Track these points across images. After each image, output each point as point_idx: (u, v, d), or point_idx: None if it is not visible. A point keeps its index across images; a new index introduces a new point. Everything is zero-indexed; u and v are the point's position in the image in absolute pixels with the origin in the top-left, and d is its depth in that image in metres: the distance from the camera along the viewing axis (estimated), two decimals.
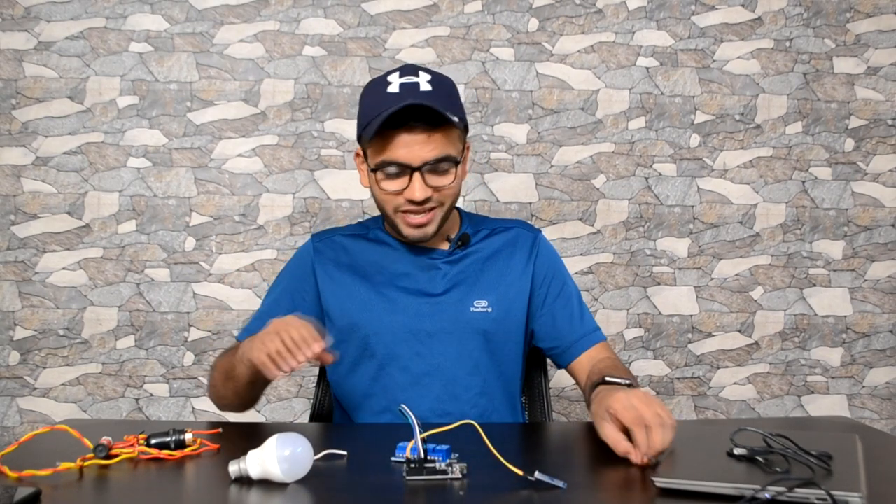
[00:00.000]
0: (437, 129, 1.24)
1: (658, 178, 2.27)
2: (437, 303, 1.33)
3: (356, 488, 0.91)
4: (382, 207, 1.31)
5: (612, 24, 2.26)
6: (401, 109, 1.20)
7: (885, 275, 2.34)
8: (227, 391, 1.30)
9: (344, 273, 1.36)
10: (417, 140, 1.23)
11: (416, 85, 1.25)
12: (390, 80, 1.27)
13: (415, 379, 1.32)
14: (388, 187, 1.27)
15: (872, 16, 2.32)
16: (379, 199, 1.30)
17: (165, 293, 2.17)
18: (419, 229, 1.29)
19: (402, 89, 1.24)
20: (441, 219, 1.30)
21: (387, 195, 1.28)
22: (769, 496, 0.80)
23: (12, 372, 2.14)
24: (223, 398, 1.34)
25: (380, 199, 1.30)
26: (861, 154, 2.32)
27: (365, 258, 1.38)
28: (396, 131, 1.23)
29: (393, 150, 1.24)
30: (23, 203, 2.14)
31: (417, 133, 1.22)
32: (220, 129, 2.18)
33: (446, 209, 1.31)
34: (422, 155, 1.23)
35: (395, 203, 1.28)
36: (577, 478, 0.93)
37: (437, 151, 1.24)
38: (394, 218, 1.30)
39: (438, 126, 1.23)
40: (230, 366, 1.25)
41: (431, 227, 1.30)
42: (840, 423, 1.40)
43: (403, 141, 1.23)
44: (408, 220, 1.28)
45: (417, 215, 1.28)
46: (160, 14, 2.16)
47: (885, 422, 2.34)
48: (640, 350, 2.28)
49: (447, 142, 1.25)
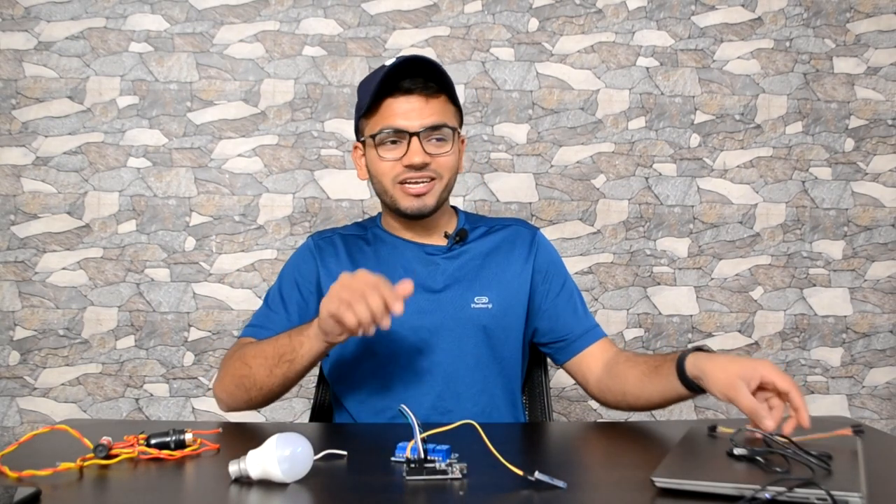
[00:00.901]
0: (434, 96, 1.29)
1: (658, 178, 2.27)
2: (437, 299, 1.34)
3: (356, 488, 0.91)
4: (382, 182, 1.32)
5: (612, 24, 2.26)
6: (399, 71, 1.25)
7: (885, 275, 2.34)
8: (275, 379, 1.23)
9: (344, 270, 1.36)
10: (415, 106, 1.27)
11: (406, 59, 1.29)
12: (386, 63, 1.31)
13: (416, 376, 1.32)
14: (386, 155, 1.29)
15: (872, 16, 2.32)
16: (378, 172, 1.32)
17: (165, 293, 2.17)
18: (418, 199, 1.30)
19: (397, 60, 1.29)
20: (439, 193, 1.32)
21: (385, 164, 1.30)
22: (769, 496, 0.80)
23: (12, 372, 2.14)
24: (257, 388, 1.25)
25: (379, 172, 1.32)
26: (861, 154, 2.32)
27: (364, 255, 1.38)
28: (394, 98, 1.27)
29: (391, 117, 1.28)
30: (23, 203, 2.14)
31: (415, 98, 1.27)
32: (220, 129, 2.18)
33: (444, 183, 1.32)
34: (420, 120, 1.27)
35: (393, 173, 1.30)
36: (577, 478, 0.92)
37: (435, 118, 1.29)
38: (393, 191, 1.31)
39: (436, 93, 1.28)
40: (285, 349, 1.20)
41: (430, 199, 1.31)
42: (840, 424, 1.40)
43: (401, 107, 1.28)
44: (407, 190, 1.30)
45: (417, 185, 1.29)
46: (160, 14, 2.16)
47: (885, 422, 2.34)
48: (640, 350, 2.28)
49: (445, 110, 1.30)
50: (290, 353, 1.21)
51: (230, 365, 1.30)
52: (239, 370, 1.27)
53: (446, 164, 1.31)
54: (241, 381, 1.27)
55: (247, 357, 1.27)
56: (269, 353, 1.24)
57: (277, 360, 1.23)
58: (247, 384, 1.27)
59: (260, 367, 1.25)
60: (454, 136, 1.32)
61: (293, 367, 1.22)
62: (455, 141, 1.32)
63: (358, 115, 1.36)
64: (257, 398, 1.28)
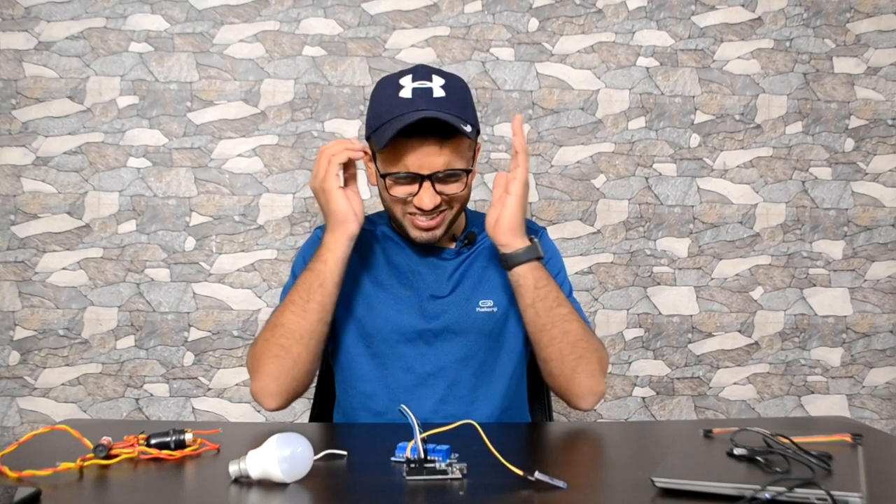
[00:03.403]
0: (448, 140, 1.22)
1: (658, 178, 2.27)
2: (442, 302, 1.33)
3: (356, 488, 0.91)
4: (390, 210, 1.32)
5: (612, 24, 2.26)
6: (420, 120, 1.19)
7: (885, 275, 2.34)
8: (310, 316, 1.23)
9: (350, 268, 1.36)
10: (428, 151, 1.22)
11: (429, 91, 1.24)
12: (403, 83, 1.25)
13: (419, 379, 1.32)
14: (397, 193, 1.27)
15: (872, 16, 2.32)
16: (387, 200, 1.31)
17: (165, 293, 2.17)
18: (427, 232, 1.29)
19: (414, 95, 1.23)
20: (449, 222, 1.31)
21: (396, 200, 1.28)
22: (769, 496, 0.80)
23: (12, 372, 2.14)
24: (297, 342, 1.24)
25: (388, 201, 1.30)
26: (861, 154, 2.32)
27: (371, 254, 1.38)
28: (408, 140, 1.21)
29: (403, 160, 1.23)
30: (23, 203, 2.14)
31: (429, 143, 1.21)
32: (220, 129, 2.18)
33: (455, 212, 1.31)
34: (432, 165, 1.22)
35: (403, 207, 1.28)
36: (577, 478, 0.93)
37: (448, 163, 1.23)
38: (402, 220, 1.31)
39: (450, 136, 1.22)
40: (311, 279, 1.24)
41: (440, 231, 1.30)
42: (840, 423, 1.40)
43: (414, 151, 1.22)
44: (416, 224, 1.29)
45: (426, 220, 1.28)
46: (160, 14, 2.16)
47: (885, 422, 2.34)
48: (640, 350, 2.28)
49: (458, 151, 1.25)
50: (317, 278, 1.24)
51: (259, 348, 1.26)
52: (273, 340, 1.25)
53: (457, 198, 1.29)
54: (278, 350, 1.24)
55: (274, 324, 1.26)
56: (295, 298, 1.25)
57: (308, 295, 1.24)
58: (286, 345, 1.23)
59: (293, 316, 1.24)
60: (467, 175, 1.28)
61: (323, 290, 1.24)
62: (467, 177, 1.28)
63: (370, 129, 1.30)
64: (301, 357, 1.24)
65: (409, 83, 1.25)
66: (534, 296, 1.24)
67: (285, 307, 1.26)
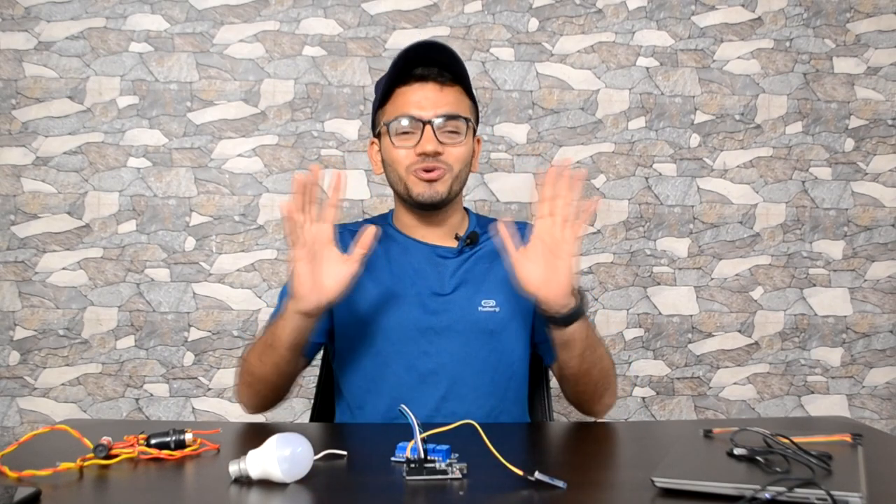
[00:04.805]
0: (448, 85, 1.30)
1: (658, 178, 2.27)
2: (445, 300, 1.34)
3: (356, 488, 0.91)
4: (396, 170, 1.33)
5: (612, 24, 2.26)
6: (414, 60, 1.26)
7: (885, 275, 2.34)
8: (266, 367, 1.25)
9: None
10: (428, 94, 1.29)
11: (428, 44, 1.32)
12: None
13: (420, 377, 1.32)
14: (400, 144, 1.30)
15: (872, 16, 2.32)
16: (392, 160, 1.33)
17: (165, 293, 2.17)
18: (430, 186, 1.31)
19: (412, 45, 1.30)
20: (450, 183, 1.33)
21: (399, 153, 1.31)
22: (769, 496, 0.80)
23: (12, 372, 2.14)
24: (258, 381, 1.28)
25: (393, 161, 1.33)
26: (861, 154, 2.32)
27: (374, 253, 1.38)
28: (409, 86, 1.29)
29: (405, 105, 1.30)
30: (23, 203, 2.14)
31: (429, 86, 1.29)
32: (220, 129, 2.18)
33: (455, 175, 1.33)
34: (433, 109, 1.29)
35: (407, 162, 1.31)
36: (577, 478, 0.92)
37: (449, 107, 1.30)
38: (406, 179, 1.32)
39: (450, 83, 1.30)
40: (269, 335, 1.24)
41: (441, 187, 1.32)
42: (840, 423, 1.40)
43: (415, 95, 1.30)
44: (419, 176, 1.31)
45: (429, 171, 1.30)
46: (160, 14, 2.16)
47: (885, 422, 2.34)
48: (640, 350, 2.28)
49: (459, 101, 1.32)
50: (271, 338, 1.24)
51: (240, 365, 1.34)
52: (243, 367, 1.32)
53: (458, 156, 1.32)
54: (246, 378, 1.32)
55: (248, 353, 1.32)
56: (259, 344, 1.28)
57: (264, 348, 1.26)
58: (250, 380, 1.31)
59: (255, 360, 1.29)
60: (467, 129, 1.33)
61: (276, 350, 1.24)
62: (468, 133, 1.33)
63: (375, 108, 1.38)
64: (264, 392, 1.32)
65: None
66: (583, 347, 1.25)
67: (253, 347, 1.31)
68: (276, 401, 1.35)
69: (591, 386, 1.31)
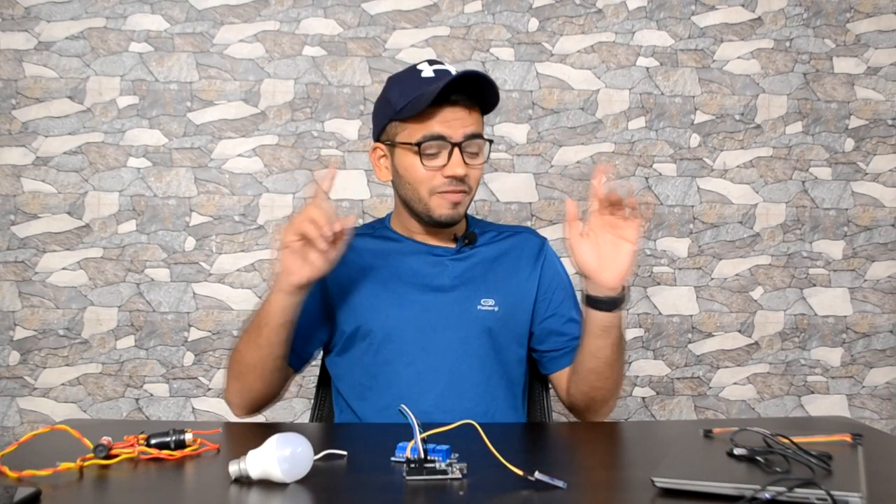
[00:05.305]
0: (474, 109, 1.31)
1: (658, 178, 2.27)
2: (444, 298, 1.34)
3: (356, 488, 0.91)
4: (417, 190, 1.32)
5: (612, 24, 2.26)
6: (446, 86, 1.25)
7: (885, 275, 2.34)
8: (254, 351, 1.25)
9: (350, 267, 1.35)
10: (458, 116, 1.29)
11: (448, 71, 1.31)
12: (420, 68, 1.32)
13: (419, 374, 1.32)
14: (428, 164, 1.30)
15: (872, 16, 2.32)
16: (414, 179, 1.31)
17: (165, 293, 2.17)
18: (454, 208, 1.32)
19: (437, 74, 1.30)
20: (467, 204, 1.35)
21: (425, 173, 1.30)
22: (769, 496, 0.80)
23: (12, 372, 2.14)
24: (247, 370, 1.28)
25: (415, 180, 1.31)
26: (861, 154, 2.32)
27: (371, 253, 1.38)
28: (439, 107, 1.28)
29: (437, 124, 1.28)
30: (23, 203, 2.14)
31: (459, 109, 1.29)
32: (220, 129, 2.18)
33: (471, 196, 1.35)
34: (463, 130, 1.29)
35: (431, 184, 1.30)
36: (577, 478, 0.92)
37: (475, 127, 1.31)
38: (428, 200, 1.32)
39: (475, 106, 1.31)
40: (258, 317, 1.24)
41: (462, 209, 1.34)
42: (840, 423, 1.40)
43: (445, 116, 1.29)
44: (446, 199, 1.31)
45: (455, 194, 1.31)
46: (160, 14, 2.16)
47: (885, 422, 2.34)
48: (640, 350, 2.28)
49: (480, 122, 1.33)
50: (263, 317, 1.24)
51: (228, 361, 1.33)
52: (232, 359, 1.31)
53: (476, 178, 1.34)
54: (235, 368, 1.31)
55: (237, 345, 1.31)
56: (249, 329, 1.28)
57: (256, 331, 1.26)
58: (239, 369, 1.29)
59: (245, 347, 1.28)
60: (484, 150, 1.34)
61: (268, 329, 1.24)
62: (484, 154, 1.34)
63: (388, 116, 1.33)
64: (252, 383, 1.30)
65: (427, 67, 1.32)
66: (618, 335, 1.28)
67: (242, 335, 1.31)
68: (265, 400, 1.34)
69: (611, 381, 1.31)
